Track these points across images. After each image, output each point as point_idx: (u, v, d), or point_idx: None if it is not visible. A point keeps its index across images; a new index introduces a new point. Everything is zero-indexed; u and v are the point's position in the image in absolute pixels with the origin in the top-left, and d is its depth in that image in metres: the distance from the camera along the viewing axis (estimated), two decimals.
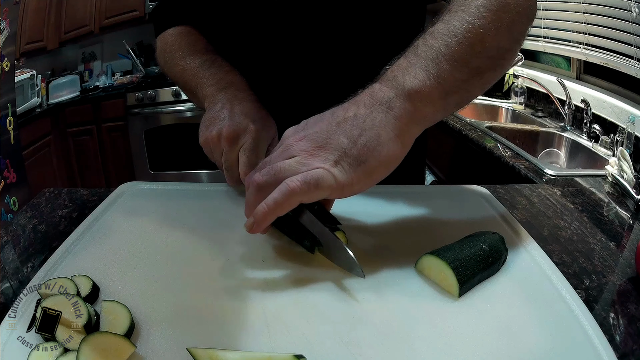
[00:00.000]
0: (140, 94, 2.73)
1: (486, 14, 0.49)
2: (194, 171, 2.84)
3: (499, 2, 0.50)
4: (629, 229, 0.76)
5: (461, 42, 0.47)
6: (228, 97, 0.60)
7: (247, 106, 0.59)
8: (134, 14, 2.85)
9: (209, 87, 0.63)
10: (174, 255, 0.52)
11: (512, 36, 0.52)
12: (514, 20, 0.51)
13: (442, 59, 0.47)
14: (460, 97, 0.50)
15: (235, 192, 0.67)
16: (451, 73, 0.47)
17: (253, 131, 0.56)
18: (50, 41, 2.68)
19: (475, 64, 0.49)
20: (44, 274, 0.48)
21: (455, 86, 0.48)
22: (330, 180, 0.44)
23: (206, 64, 0.66)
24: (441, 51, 0.47)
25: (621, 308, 0.50)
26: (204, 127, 0.59)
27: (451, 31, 0.48)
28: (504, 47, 0.51)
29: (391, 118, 0.46)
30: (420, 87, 0.46)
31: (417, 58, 0.48)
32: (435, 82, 0.46)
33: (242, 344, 0.39)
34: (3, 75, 1.83)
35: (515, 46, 0.53)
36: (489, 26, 0.49)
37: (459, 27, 0.48)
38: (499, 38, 0.50)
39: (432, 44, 0.48)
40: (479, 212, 0.63)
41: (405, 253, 0.52)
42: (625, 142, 1.33)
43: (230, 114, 0.57)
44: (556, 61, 1.95)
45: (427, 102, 0.47)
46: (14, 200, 1.86)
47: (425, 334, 0.41)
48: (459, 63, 0.47)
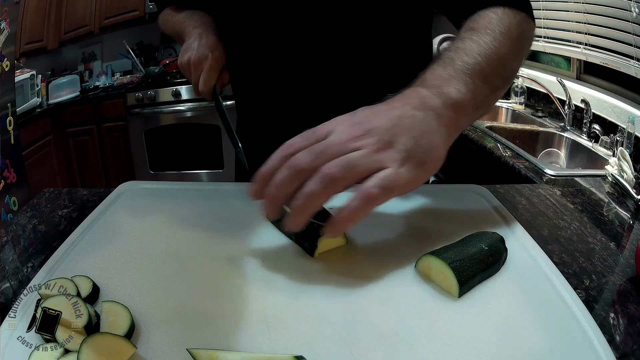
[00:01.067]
0: (140, 94, 2.73)
1: (508, 42, 0.57)
2: (194, 171, 2.84)
3: (517, 33, 0.59)
4: (629, 229, 0.76)
5: (490, 64, 0.54)
6: (199, 32, 0.77)
7: (211, 39, 0.76)
8: (134, 14, 2.85)
9: (189, 26, 0.81)
10: (174, 256, 0.52)
11: (521, 60, 0.62)
12: (525, 49, 0.62)
13: (476, 76, 0.52)
14: (483, 111, 0.56)
15: (235, 192, 0.67)
16: (481, 89, 0.53)
17: (211, 58, 0.73)
18: (50, 41, 2.68)
19: (496, 83, 0.55)
20: (44, 274, 0.48)
21: (482, 100, 0.54)
22: (401, 182, 0.45)
23: (189, 14, 0.85)
24: (475, 69, 0.53)
25: (621, 308, 0.50)
26: (181, 54, 0.76)
27: (482, 53, 0.54)
28: (515, 69, 0.61)
29: (442, 125, 0.49)
30: (462, 100, 0.51)
31: (455, 72, 0.52)
32: (472, 95, 0.51)
33: (242, 345, 0.40)
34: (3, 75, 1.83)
35: (520, 67, 0.63)
36: (509, 53, 0.57)
37: (488, 50, 0.55)
38: (514, 63, 0.59)
39: (467, 60, 0.53)
40: (479, 212, 0.63)
41: (405, 253, 0.52)
42: (625, 142, 1.33)
43: (198, 45, 0.74)
44: (556, 61, 1.95)
45: (464, 113, 0.51)
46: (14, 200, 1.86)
47: (425, 334, 0.41)
48: (487, 81, 0.53)
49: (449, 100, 0.50)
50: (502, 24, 0.58)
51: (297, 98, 0.77)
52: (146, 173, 2.88)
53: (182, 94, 2.72)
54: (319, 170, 0.44)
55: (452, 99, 0.50)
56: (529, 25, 0.63)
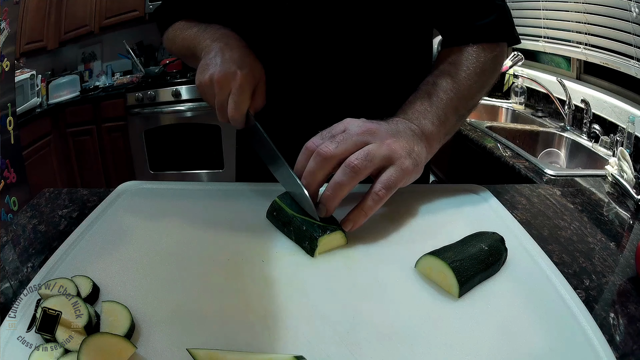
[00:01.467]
0: (140, 94, 2.73)
1: (480, 78, 0.68)
2: (194, 171, 2.84)
3: (491, 66, 0.69)
4: (629, 229, 0.76)
5: (460, 98, 0.66)
6: (220, 46, 0.67)
7: (237, 53, 0.66)
8: (134, 14, 2.85)
9: (205, 40, 0.71)
10: (174, 256, 0.52)
11: (488, 90, 0.72)
12: (493, 80, 0.72)
13: (448, 110, 0.64)
14: (450, 134, 0.68)
15: (235, 192, 0.67)
16: (450, 120, 0.65)
17: (240, 76, 0.63)
18: (50, 41, 2.68)
19: (463, 112, 0.68)
20: (44, 274, 0.48)
21: (451, 128, 0.66)
22: (409, 168, 0.56)
23: (202, 28, 0.74)
24: (447, 104, 0.64)
25: (621, 308, 0.50)
26: (199, 72, 0.65)
27: (454, 89, 0.65)
28: (481, 98, 0.72)
29: (423, 146, 0.60)
30: (434, 131, 0.62)
31: (431, 107, 0.64)
32: (442, 126, 0.64)
33: (242, 344, 0.40)
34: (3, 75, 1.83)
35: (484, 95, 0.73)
36: (479, 87, 0.69)
37: (460, 87, 0.66)
38: (480, 95, 0.70)
39: (441, 97, 0.64)
40: (479, 212, 0.63)
41: (405, 253, 0.52)
42: (625, 142, 1.33)
43: (222, 61, 0.64)
44: (556, 61, 1.95)
45: (436, 140, 0.63)
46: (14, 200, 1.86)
47: (425, 334, 0.41)
48: (455, 112, 0.66)
49: (425, 131, 0.61)
50: (479, 61, 0.68)
51: (303, 100, 0.78)
52: (146, 173, 2.88)
53: (182, 94, 2.72)
54: (345, 162, 0.53)
55: (427, 130, 0.62)
56: (503, 56, 0.72)
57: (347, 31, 0.72)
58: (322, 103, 0.76)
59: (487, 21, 0.69)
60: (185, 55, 0.78)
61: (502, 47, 0.72)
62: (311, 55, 0.74)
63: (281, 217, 0.56)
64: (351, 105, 0.75)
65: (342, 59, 0.74)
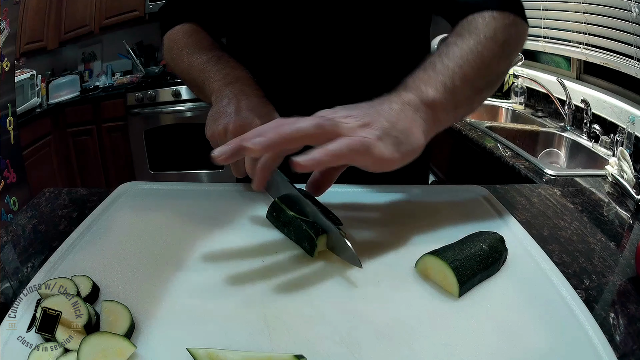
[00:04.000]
0: (140, 94, 2.73)
1: (493, 45, 0.59)
2: (194, 171, 2.84)
3: (504, 36, 0.60)
4: (629, 229, 0.76)
5: (471, 66, 0.56)
6: (234, 92, 0.61)
7: (253, 101, 0.61)
8: (134, 14, 2.85)
9: (216, 82, 0.64)
10: (174, 255, 0.52)
11: (509, 63, 0.63)
12: (512, 51, 0.63)
13: (456, 78, 0.55)
14: (465, 110, 0.60)
15: (235, 192, 0.67)
16: (461, 90, 0.56)
17: (258, 126, 0.57)
18: (50, 41, 2.68)
19: (478, 85, 0.58)
20: (44, 274, 0.48)
21: (463, 101, 0.57)
22: (377, 150, 0.48)
23: (213, 60, 0.68)
24: (455, 71, 0.55)
25: (621, 308, 0.50)
26: (211, 122, 0.60)
27: (464, 56, 0.57)
28: (502, 71, 0.62)
29: (419, 117, 0.52)
30: (439, 99, 0.54)
31: (435, 74, 0.55)
32: (450, 95, 0.55)
33: (242, 344, 0.40)
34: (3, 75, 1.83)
35: (508, 69, 0.63)
36: (493, 56, 0.59)
37: (470, 54, 0.57)
38: (499, 65, 0.61)
39: (447, 64, 0.56)
40: (479, 212, 0.63)
41: (405, 253, 0.52)
42: (625, 142, 1.33)
43: (237, 109, 0.59)
44: (556, 61, 1.95)
45: (442, 111, 0.55)
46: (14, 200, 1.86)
47: (425, 334, 0.41)
48: (468, 83, 0.56)
49: (426, 99, 0.53)
50: (489, 28, 0.60)
51: (301, 95, 0.77)
52: (146, 173, 2.88)
53: (182, 94, 2.72)
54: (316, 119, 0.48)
55: (429, 97, 0.53)
56: (517, 28, 0.64)
57: (347, 25, 0.71)
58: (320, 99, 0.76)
59: None
60: (190, 83, 0.73)
61: (515, 19, 0.63)
62: (311, 51, 0.73)
63: (281, 218, 0.56)
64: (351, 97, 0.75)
65: (341, 54, 0.73)
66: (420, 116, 0.52)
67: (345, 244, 0.49)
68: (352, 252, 0.49)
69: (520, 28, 0.65)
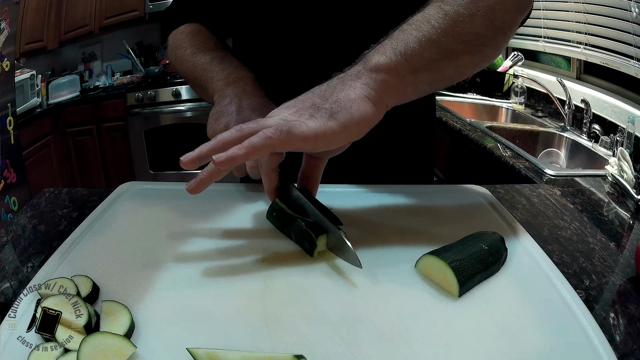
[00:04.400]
0: (140, 94, 2.73)
1: (462, 1, 0.52)
2: (194, 171, 2.83)
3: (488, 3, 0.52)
4: (629, 229, 0.76)
5: (434, 27, 0.51)
6: (236, 92, 0.61)
7: (255, 101, 0.60)
8: (134, 14, 2.85)
9: (218, 81, 0.64)
10: (174, 256, 0.52)
11: (493, 24, 0.54)
12: (494, 8, 0.53)
13: (412, 40, 0.50)
14: (431, 76, 0.52)
15: (235, 192, 0.67)
16: (420, 52, 0.50)
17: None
18: (50, 41, 2.68)
19: (447, 46, 0.51)
20: (44, 274, 0.48)
21: (424, 65, 0.51)
22: (302, 128, 0.46)
23: (216, 60, 0.68)
24: (412, 34, 0.51)
25: (621, 308, 0.50)
26: (213, 120, 0.60)
27: (425, 18, 0.52)
28: (481, 33, 0.53)
29: (359, 83, 0.49)
30: (386, 62, 0.49)
31: (389, 40, 0.51)
32: (402, 58, 0.50)
33: (242, 344, 0.40)
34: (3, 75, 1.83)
35: (498, 35, 0.55)
36: (463, 12, 0.51)
37: (434, 15, 0.51)
38: (475, 24, 0.52)
39: (405, 28, 0.52)
40: (479, 212, 0.63)
41: (405, 253, 0.52)
42: (625, 142, 1.33)
43: (238, 108, 0.58)
44: (556, 61, 1.96)
45: (394, 74, 0.50)
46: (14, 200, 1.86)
47: (425, 334, 0.41)
48: (429, 44, 0.50)
49: (370, 65, 0.50)
50: None
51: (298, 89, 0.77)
52: (146, 173, 2.88)
53: (182, 94, 2.72)
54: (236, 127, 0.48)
55: (374, 63, 0.50)
56: None
57: (350, 26, 0.71)
58: None
59: None
60: (193, 83, 0.72)
61: None
62: (314, 51, 0.73)
63: (281, 218, 0.56)
64: None
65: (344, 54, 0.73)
66: (362, 82, 0.49)
67: (345, 244, 0.49)
68: (352, 253, 0.49)
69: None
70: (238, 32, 0.79)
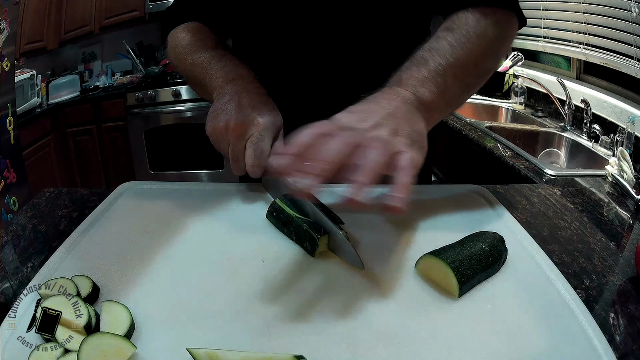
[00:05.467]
0: (140, 94, 2.73)
1: (481, 42, 0.60)
2: (194, 171, 2.84)
3: (493, 33, 0.61)
4: (629, 229, 0.76)
5: (462, 63, 0.58)
6: (236, 89, 0.61)
7: (255, 99, 0.60)
8: (134, 14, 2.85)
9: (218, 79, 0.64)
10: (174, 256, 0.52)
11: (497, 59, 0.65)
12: (501, 48, 0.64)
13: (447, 76, 0.57)
14: (455, 106, 0.63)
15: (235, 192, 0.67)
16: (452, 87, 0.58)
17: (260, 124, 0.57)
18: (50, 41, 2.68)
19: (468, 81, 0.61)
20: (44, 274, 0.48)
21: (453, 98, 0.59)
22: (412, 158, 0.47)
23: (215, 58, 0.67)
24: (446, 69, 0.57)
25: (621, 308, 0.50)
26: (212, 118, 0.60)
27: (454, 53, 0.58)
28: (490, 68, 0.63)
29: (421, 117, 0.53)
30: (433, 99, 0.55)
31: (428, 73, 0.56)
32: (442, 94, 0.56)
33: (242, 344, 0.40)
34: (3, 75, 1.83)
35: (497, 65, 0.66)
36: (482, 52, 0.60)
37: (460, 50, 0.58)
38: (488, 62, 0.62)
39: (439, 61, 0.57)
40: (479, 212, 0.63)
41: (405, 253, 0.52)
42: (625, 142, 1.33)
43: (238, 106, 0.58)
44: (556, 61, 1.95)
45: (436, 110, 0.57)
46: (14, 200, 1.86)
47: (425, 334, 0.41)
48: (457, 79, 0.58)
49: (423, 100, 0.54)
50: (479, 25, 0.60)
51: (300, 91, 0.77)
52: (146, 173, 2.88)
53: (182, 94, 2.72)
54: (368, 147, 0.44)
55: (425, 99, 0.54)
56: (508, 24, 0.64)
57: (349, 24, 0.71)
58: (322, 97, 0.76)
59: None
60: (192, 81, 0.72)
61: (507, 15, 0.64)
62: (313, 49, 0.73)
63: (281, 218, 0.56)
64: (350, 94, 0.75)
65: (343, 52, 0.73)
66: (422, 116, 0.53)
67: (347, 245, 0.49)
68: (354, 254, 0.49)
69: (511, 24, 0.65)
70: (238, 31, 0.79)
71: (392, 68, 0.76)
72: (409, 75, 0.56)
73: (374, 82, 0.76)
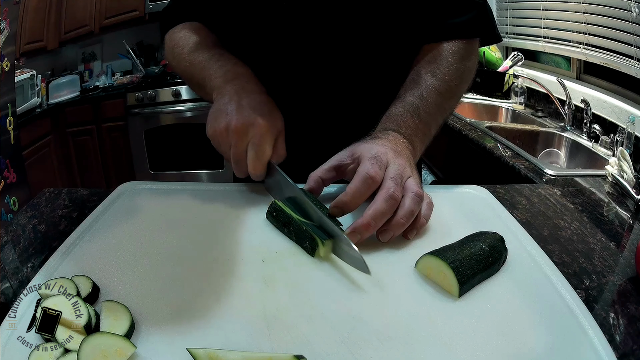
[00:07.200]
0: (140, 94, 2.73)
1: (460, 74, 0.69)
2: (194, 171, 2.84)
3: (465, 67, 0.70)
4: (629, 229, 0.76)
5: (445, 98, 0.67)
6: (236, 89, 0.60)
7: (255, 99, 0.59)
8: (134, 14, 2.85)
9: (217, 79, 0.63)
10: (174, 255, 0.52)
11: (469, 84, 0.73)
12: (472, 75, 0.73)
13: (432, 124, 0.67)
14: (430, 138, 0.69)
15: (235, 192, 0.67)
16: (436, 128, 0.68)
17: (261, 125, 0.56)
18: (50, 41, 2.68)
19: (446, 114, 0.70)
20: (44, 274, 0.48)
21: (434, 132, 0.68)
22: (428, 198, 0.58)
23: (214, 57, 0.67)
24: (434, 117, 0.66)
25: (621, 308, 0.50)
26: (212, 119, 0.59)
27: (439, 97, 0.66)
28: (463, 93, 0.73)
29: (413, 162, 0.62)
30: (420, 148, 0.65)
31: (421, 123, 0.65)
32: (427, 139, 0.67)
33: (242, 344, 0.40)
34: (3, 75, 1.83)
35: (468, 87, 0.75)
36: (460, 83, 0.70)
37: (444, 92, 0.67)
38: (462, 90, 0.72)
39: (430, 111, 0.65)
40: (479, 212, 0.63)
41: (405, 253, 0.52)
42: (625, 142, 1.33)
43: (238, 107, 0.58)
44: (556, 61, 1.95)
45: (418, 156, 0.65)
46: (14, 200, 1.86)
47: (425, 334, 0.41)
48: (441, 119, 0.69)
49: (415, 149, 0.64)
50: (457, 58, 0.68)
51: (302, 93, 0.77)
52: (146, 173, 2.88)
53: (182, 94, 2.72)
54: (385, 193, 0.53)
55: (416, 147, 0.64)
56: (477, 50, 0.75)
57: (345, 29, 0.72)
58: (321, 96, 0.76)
59: (465, 18, 0.69)
60: (190, 81, 0.72)
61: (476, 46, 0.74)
62: (311, 52, 0.74)
63: (281, 218, 0.56)
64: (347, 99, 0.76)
65: (339, 56, 0.74)
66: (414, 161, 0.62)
67: (354, 250, 0.48)
68: (361, 260, 0.47)
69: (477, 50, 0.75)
70: (237, 31, 0.79)
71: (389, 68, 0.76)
72: (405, 124, 0.64)
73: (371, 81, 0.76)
